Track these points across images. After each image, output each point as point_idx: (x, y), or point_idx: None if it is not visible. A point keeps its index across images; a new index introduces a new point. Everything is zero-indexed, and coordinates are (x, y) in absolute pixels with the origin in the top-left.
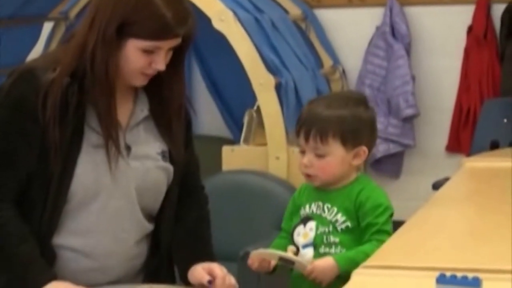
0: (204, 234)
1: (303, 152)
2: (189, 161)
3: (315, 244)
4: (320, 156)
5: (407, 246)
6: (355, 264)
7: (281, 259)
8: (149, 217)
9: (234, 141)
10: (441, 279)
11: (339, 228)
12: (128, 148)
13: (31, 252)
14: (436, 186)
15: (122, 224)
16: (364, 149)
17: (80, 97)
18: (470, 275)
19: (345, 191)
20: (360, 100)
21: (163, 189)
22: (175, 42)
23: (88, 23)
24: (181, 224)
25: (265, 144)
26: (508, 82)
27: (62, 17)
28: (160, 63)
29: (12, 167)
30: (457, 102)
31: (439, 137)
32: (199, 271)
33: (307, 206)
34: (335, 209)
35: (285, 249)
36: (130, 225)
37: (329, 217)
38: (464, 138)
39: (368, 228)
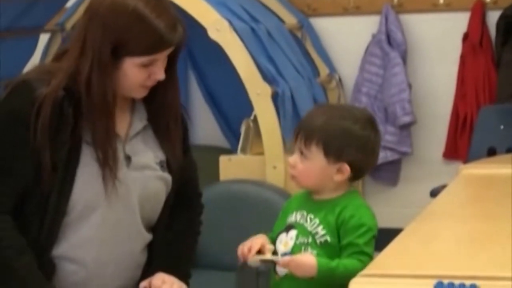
0: (181, 249)
1: (293, 152)
2: (187, 169)
3: (293, 254)
4: (303, 158)
5: (405, 254)
6: (332, 275)
7: (262, 261)
8: (148, 227)
9: (232, 151)
10: (438, 287)
11: (318, 241)
12: (128, 158)
13: (29, 265)
14: (434, 193)
15: (123, 235)
16: (346, 167)
17: (76, 111)
18: (468, 282)
19: (330, 204)
20: (368, 121)
21: (162, 198)
22: (170, 50)
23: (79, 47)
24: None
25: (262, 154)
26: (504, 89)
27: (58, 28)
28: (159, 74)
29: (11, 176)
30: (454, 109)
31: (436, 144)
32: (147, 279)
33: (294, 214)
34: (317, 221)
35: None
36: (130, 235)
37: (309, 228)
38: (461, 145)
39: (349, 248)
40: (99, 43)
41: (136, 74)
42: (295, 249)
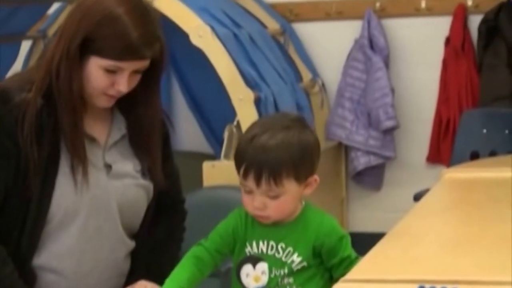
0: (164, 256)
1: (249, 192)
2: (168, 176)
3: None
4: (273, 197)
5: (387, 259)
6: None
7: None
8: (131, 234)
9: (215, 157)
10: None
11: (295, 269)
12: (109, 166)
13: (11, 275)
14: (418, 197)
15: (104, 244)
16: (315, 177)
17: (55, 119)
18: (450, 287)
19: (298, 226)
20: (302, 124)
21: (144, 206)
22: (139, 64)
23: (57, 38)
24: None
25: None
26: (487, 93)
27: (40, 35)
28: (122, 85)
29: None
30: (437, 113)
31: (419, 148)
32: (129, 286)
33: (254, 244)
34: (291, 249)
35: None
36: (112, 243)
37: (284, 259)
38: (444, 149)
39: (343, 263)
40: (72, 33)
41: (100, 77)
42: (271, 283)
